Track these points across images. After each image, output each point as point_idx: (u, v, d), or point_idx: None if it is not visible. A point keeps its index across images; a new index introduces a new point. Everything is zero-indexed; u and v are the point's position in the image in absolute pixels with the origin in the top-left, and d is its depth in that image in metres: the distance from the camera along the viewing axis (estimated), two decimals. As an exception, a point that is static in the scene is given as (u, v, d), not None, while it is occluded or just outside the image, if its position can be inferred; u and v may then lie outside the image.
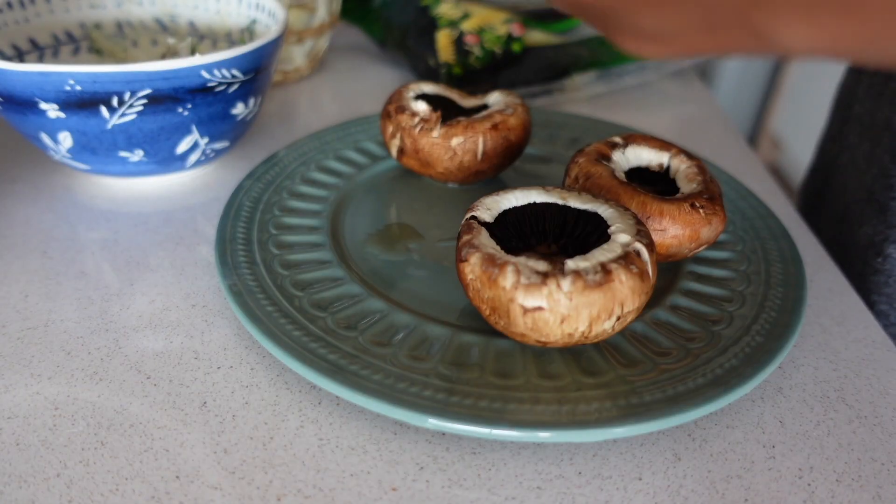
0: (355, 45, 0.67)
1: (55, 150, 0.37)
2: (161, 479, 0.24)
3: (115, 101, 0.34)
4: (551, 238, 0.30)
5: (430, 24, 0.57)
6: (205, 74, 0.35)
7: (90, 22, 0.46)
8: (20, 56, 0.42)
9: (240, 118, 0.40)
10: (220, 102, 0.37)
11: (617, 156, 0.35)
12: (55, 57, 0.44)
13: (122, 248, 0.36)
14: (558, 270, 0.25)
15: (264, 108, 0.52)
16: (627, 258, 0.25)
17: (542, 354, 0.28)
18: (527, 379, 0.27)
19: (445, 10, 0.58)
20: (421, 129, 0.37)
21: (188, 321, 0.32)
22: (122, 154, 0.37)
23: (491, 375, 0.27)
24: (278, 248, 0.34)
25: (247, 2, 0.45)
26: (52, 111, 0.34)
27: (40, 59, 0.44)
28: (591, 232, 0.29)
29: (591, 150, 0.34)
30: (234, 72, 0.36)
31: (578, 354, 0.28)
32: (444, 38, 0.56)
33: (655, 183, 0.35)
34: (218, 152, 0.41)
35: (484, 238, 0.27)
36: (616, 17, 0.22)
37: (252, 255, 0.33)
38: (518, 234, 0.30)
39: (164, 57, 0.47)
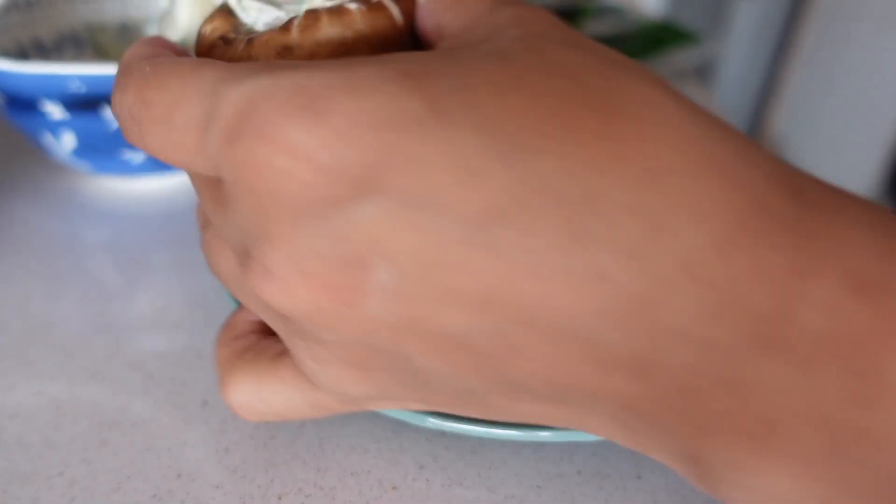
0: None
1: (58, 150, 0.38)
2: (163, 478, 0.24)
3: (117, 102, 0.34)
4: None
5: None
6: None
7: (94, 23, 0.46)
8: (24, 56, 0.43)
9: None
10: (221, 103, 0.37)
11: None
12: (59, 58, 0.45)
13: (123, 247, 0.37)
14: None
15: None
16: None
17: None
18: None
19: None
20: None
21: (190, 321, 0.32)
22: (125, 154, 0.37)
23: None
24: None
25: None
26: (56, 112, 0.34)
27: (45, 60, 0.44)
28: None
29: None
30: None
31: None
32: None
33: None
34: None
35: None
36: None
37: (253, 256, 0.33)
38: None
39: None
